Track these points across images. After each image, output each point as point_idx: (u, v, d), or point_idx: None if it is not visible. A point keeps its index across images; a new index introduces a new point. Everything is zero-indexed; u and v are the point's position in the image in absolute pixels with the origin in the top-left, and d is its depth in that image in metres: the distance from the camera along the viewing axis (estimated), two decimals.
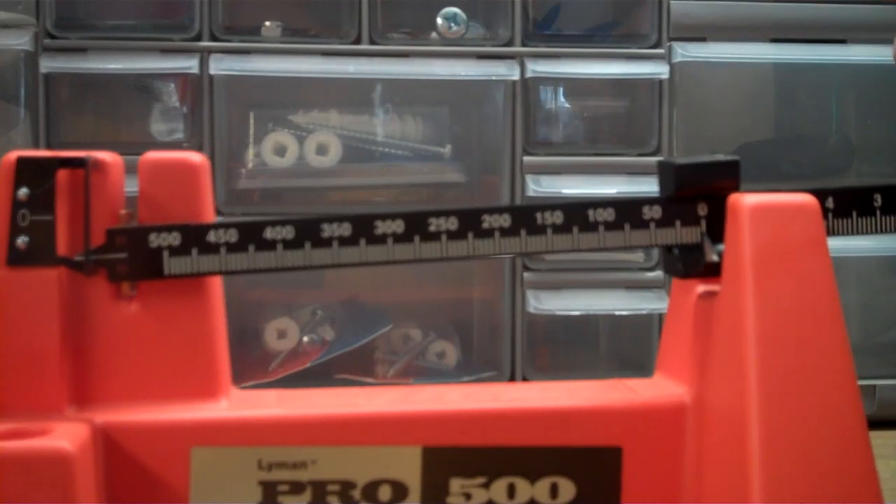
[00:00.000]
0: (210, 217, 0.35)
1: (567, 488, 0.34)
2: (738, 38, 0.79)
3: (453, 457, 0.33)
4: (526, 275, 0.79)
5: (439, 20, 0.80)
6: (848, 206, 0.35)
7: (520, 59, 0.79)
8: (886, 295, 0.84)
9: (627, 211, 0.35)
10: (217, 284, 0.35)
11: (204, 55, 0.77)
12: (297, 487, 0.33)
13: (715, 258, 0.34)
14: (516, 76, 0.78)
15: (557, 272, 0.79)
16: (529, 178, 0.78)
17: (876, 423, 0.77)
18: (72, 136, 0.78)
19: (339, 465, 0.33)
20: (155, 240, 0.33)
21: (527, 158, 0.79)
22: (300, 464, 0.33)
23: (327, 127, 0.80)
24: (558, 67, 0.79)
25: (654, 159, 0.78)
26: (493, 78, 0.79)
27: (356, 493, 0.33)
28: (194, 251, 0.33)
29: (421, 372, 0.79)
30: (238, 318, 0.79)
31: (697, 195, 0.35)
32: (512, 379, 0.79)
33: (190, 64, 0.76)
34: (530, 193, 0.78)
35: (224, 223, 0.34)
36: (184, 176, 0.34)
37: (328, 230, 0.34)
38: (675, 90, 0.79)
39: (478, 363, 0.81)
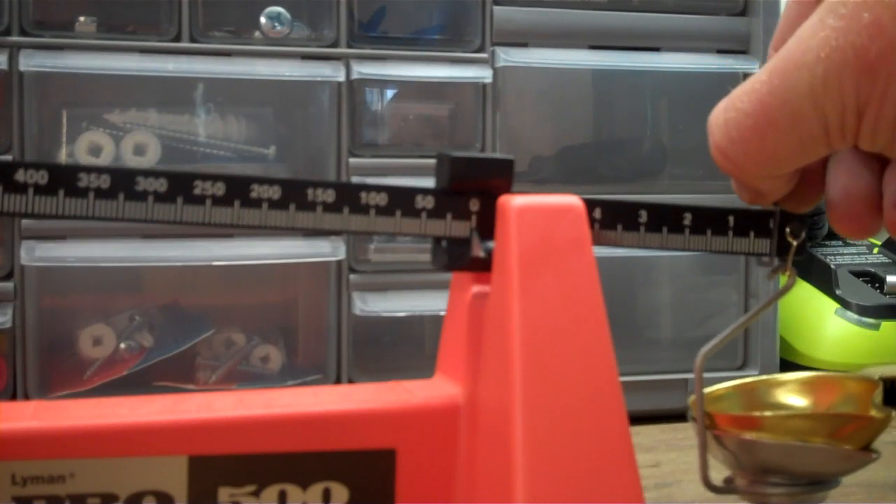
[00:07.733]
0: None
1: (340, 492, 0.34)
2: (558, 44, 0.81)
3: (222, 465, 0.33)
4: (352, 276, 0.79)
5: (263, 19, 0.79)
6: (614, 219, 0.36)
7: (345, 60, 0.78)
8: (697, 293, 0.87)
9: (400, 198, 0.35)
10: None
11: (13, 51, 0.73)
12: (54, 501, 0.32)
13: (481, 254, 0.34)
14: (342, 77, 0.78)
15: (383, 274, 0.79)
16: (355, 180, 0.78)
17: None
18: None
19: (100, 477, 0.32)
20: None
21: (353, 160, 0.79)
22: (57, 477, 0.32)
23: (145, 126, 0.77)
24: (384, 69, 0.79)
25: None
26: (319, 79, 0.78)
27: None
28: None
29: (244, 377, 0.78)
30: (51, 324, 0.75)
31: (471, 190, 0.35)
32: (338, 381, 0.78)
33: None
34: None
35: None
36: None
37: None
38: (499, 94, 0.80)
39: (303, 367, 0.80)
